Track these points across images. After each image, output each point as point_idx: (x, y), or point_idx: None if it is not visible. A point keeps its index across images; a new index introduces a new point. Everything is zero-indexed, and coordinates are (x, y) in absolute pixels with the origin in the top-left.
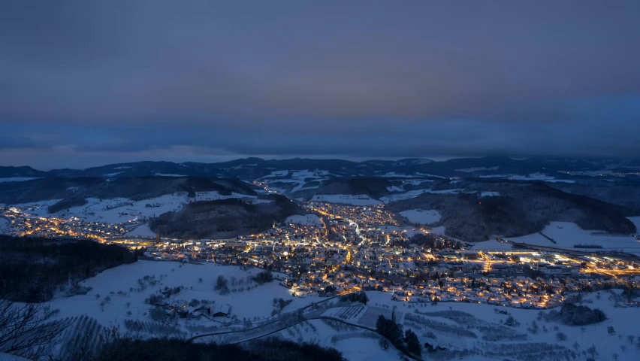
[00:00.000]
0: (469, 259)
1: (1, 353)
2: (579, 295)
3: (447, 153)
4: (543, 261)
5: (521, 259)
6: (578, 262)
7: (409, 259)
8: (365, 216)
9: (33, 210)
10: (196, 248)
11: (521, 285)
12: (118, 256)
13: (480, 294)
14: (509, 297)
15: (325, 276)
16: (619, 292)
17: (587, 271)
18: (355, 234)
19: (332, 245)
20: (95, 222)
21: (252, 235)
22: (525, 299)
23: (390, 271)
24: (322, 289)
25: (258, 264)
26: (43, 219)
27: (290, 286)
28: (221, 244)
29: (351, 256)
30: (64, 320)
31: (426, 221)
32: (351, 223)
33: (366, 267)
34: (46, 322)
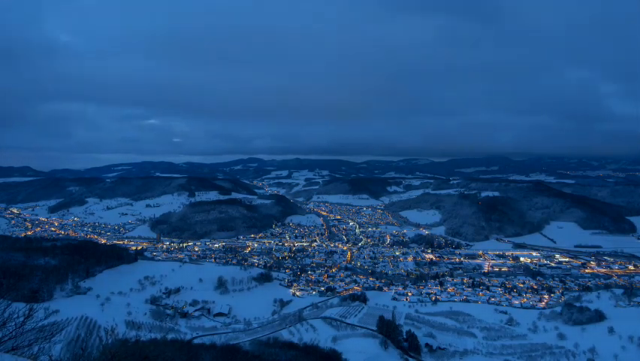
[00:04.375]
0: (469, 259)
1: (1, 353)
2: (579, 295)
3: (447, 153)
4: (543, 261)
5: (521, 259)
6: (578, 262)
7: (409, 259)
8: (365, 217)
9: (33, 210)
10: (196, 248)
11: (521, 285)
12: (118, 256)
13: (480, 294)
14: (509, 297)
15: (325, 276)
16: (619, 292)
17: (587, 271)
18: (355, 234)
19: (332, 245)
20: (95, 223)
21: (252, 235)
22: (525, 299)
23: (390, 271)
24: (322, 289)
25: (258, 264)
26: (43, 219)
27: (290, 286)
28: (222, 244)
29: (351, 256)
30: (65, 320)
31: (426, 221)
32: (351, 223)
33: (366, 267)
34: (46, 322)
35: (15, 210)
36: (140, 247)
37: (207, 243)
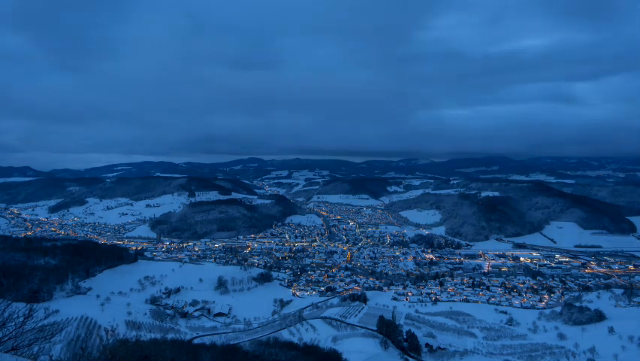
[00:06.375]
0: (469, 259)
1: (1, 353)
2: (579, 295)
3: (447, 153)
4: (543, 261)
5: (521, 259)
6: (578, 262)
7: (409, 259)
8: (365, 217)
9: (33, 210)
10: (196, 248)
11: (521, 285)
12: (118, 256)
13: (480, 294)
14: (509, 297)
15: (325, 276)
16: (619, 292)
17: (587, 271)
18: (355, 234)
19: (332, 245)
20: (95, 223)
21: (253, 235)
22: (525, 299)
23: (390, 271)
24: (322, 289)
25: (258, 264)
26: (43, 219)
27: (290, 287)
28: (222, 244)
29: (351, 256)
30: (65, 320)
31: (426, 221)
32: (351, 223)
33: (366, 267)
34: (46, 322)
35: (15, 210)
36: (140, 247)
37: (207, 243)
